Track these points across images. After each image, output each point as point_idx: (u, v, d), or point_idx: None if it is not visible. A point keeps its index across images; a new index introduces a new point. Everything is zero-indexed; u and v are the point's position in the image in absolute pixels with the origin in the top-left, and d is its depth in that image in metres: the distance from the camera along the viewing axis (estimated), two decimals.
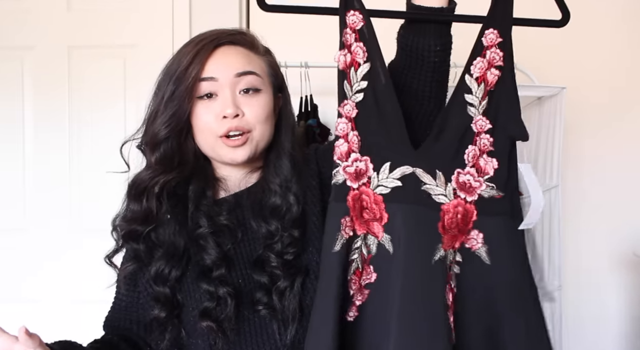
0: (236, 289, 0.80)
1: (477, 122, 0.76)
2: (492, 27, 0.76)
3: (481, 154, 0.76)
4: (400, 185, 0.75)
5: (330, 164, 0.88)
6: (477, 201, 0.76)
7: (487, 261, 0.75)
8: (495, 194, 0.76)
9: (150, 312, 0.81)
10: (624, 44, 1.87)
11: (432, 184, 0.75)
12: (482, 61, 0.76)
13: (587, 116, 1.85)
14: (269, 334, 0.80)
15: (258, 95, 0.83)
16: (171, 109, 0.80)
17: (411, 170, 0.75)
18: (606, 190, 1.87)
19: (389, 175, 0.76)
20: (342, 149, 0.77)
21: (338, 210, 0.76)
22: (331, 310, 0.73)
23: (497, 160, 0.76)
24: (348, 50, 0.79)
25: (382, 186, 0.76)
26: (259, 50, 0.87)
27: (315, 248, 0.83)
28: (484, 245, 0.75)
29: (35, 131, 1.94)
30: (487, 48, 0.76)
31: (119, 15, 1.91)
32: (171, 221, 0.82)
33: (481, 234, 0.75)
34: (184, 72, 0.79)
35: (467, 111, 0.76)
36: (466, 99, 0.76)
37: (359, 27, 0.77)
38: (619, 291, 1.89)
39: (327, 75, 1.54)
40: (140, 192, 0.82)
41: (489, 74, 0.76)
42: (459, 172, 0.76)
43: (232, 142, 0.81)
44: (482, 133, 0.76)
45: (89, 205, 1.91)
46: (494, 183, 0.76)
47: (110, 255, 0.86)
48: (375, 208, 0.75)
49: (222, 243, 0.82)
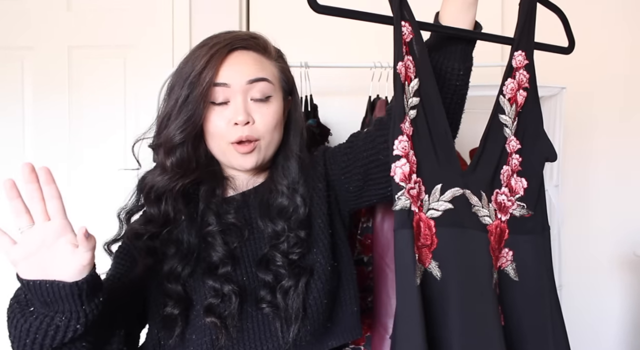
0: (241, 287, 0.81)
1: (510, 143, 0.77)
2: (520, 49, 0.78)
3: (512, 173, 0.77)
4: (451, 207, 0.72)
5: (339, 166, 0.88)
6: (509, 220, 0.76)
7: (515, 278, 0.75)
8: (525, 212, 0.76)
9: (159, 306, 0.81)
10: (624, 43, 1.87)
11: (479, 205, 0.74)
12: (513, 82, 0.77)
13: (587, 116, 1.85)
14: (272, 331, 0.81)
15: (269, 102, 0.84)
16: (186, 114, 0.80)
17: (461, 191, 0.73)
18: (606, 190, 1.87)
19: (440, 198, 0.72)
20: (404, 169, 0.69)
21: (408, 239, 0.68)
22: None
23: (526, 180, 0.76)
24: (403, 62, 0.72)
25: (433, 209, 0.72)
26: (271, 55, 0.87)
27: (320, 249, 0.84)
28: (512, 262, 0.75)
29: (35, 131, 1.94)
30: (517, 69, 0.78)
31: (119, 15, 1.91)
32: (185, 221, 0.84)
33: (511, 252, 0.76)
34: (198, 77, 0.79)
35: (503, 132, 0.77)
36: (501, 120, 0.77)
37: (408, 39, 0.73)
38: (619, 291, 1.89)
39: (327, 75, 1.55)
40: (159, 196, 0.83)
41: (519, 95, 0.77)
42: (497, 192, 0.76)
43: (242, 148, 0.82)
44: (514, 153, 0.77)
45: (89, 206, 1.91)
46: (525, 202, 0.76)
47: (109, 243, 0.86)
48: (427, 233, 0.71)
49: (229, 241, 0.83)
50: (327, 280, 0.83)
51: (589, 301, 1.87)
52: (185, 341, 0.81)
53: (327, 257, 0.84)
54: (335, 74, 1.60)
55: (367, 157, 0.83)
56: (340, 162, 0.89)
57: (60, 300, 0.64)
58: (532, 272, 0.75)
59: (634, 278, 1.87)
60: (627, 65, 1.87)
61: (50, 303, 0.65)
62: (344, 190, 0.89)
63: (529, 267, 0.75)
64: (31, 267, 0.64)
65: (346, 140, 0.91)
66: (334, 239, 0.88)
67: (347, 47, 1.75)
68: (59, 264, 0.64)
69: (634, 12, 1.87)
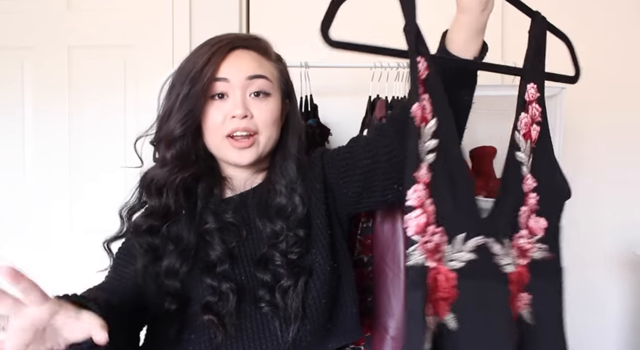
0: (238, 285, 0.81)
1: (527, 181, 0.72)
2: (532, 82, 0.74)
3: (530, 214, 0.72)
4: (474, 258, 0.65)
5: (338, 171, 0.88)
6: (529, 264, 0.71)
7: (531, 321, 0.71)
8: (546, 255, 0.71)
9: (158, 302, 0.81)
10: (624, 43, 1.87)
11: (501, 253, 0.68)
12: (527, 117, 0.73)
13: (587, 116, 1.85)
14: (271, 331, 0.81)
15: (267, 99, 0.85)
16: (186, 108, 0.81)
17: (484, 240, 0.66)
18: (606, 190, 1.87)
19: (462, 248, 0.65)
20: (419, 221, 0.62)
21: (419, 300, 0.62)
22: None
23: (545, 220, 0.71)
24: (420, 102, 0.64)
25: (455, 261, 0.65)
26: (271, 56, 0.89)
27: (319, 250, 0.84)
28: (529, 306, 0.71)
29: (35, 131, 1.94)
30: (529, 103, 0.74)
31: (119, 15, 1.91)
32: (184, 217, 0.84)
33: (530, 296, 0.71)
34: (199, 73, 0.81)
35: (520, 170, 0.72)
36: (517, 157, 0.72)
37: (424, 77, 0.65)
38: (619, 291, 1.89)
39: (327, 75, 1.55)
40: (159, 188, 0.84)
41: (532, 130, 0.74)
42: (516, 236, 0.71)
43: (238, 143, 0.83)
44: (530, 192, 0.72)
45: (89, 206, 1.91)
46: (545, 243, 0.71)
47: (110, 241, 0.87)
48: (446, 287, 0.64)
49: (227, 240, 0.83)
50: (326, 281, 0.83)
51: (589, 301, 1.87)
52: (183, 341, 0.81)
53: (326, 257, 0.84)
54: (335, 74, 1.60)
55: (367, 165, 0.83)
56: (339, 166, 0.88)
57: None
58: (548, 315, 0.72)
59: (634, 278, 1.87)
60: (627, 65, 1.87)
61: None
62: (342, 195, 0.89)
63: (546, 311, 0.71)
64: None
65: (346, 144, 0.91)
66: (333, 239, 0.88)
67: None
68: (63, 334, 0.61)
69: (635, 12, 1.87)
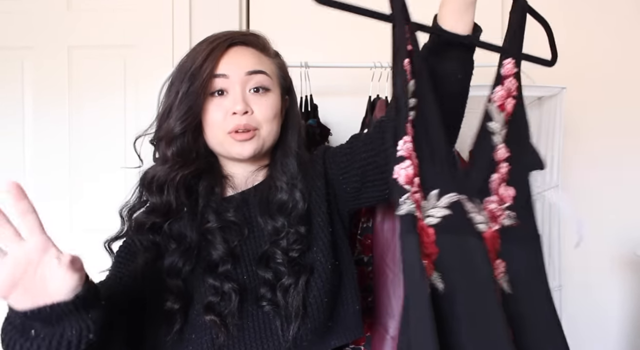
0: (241, 285, 0.81)
1: (499, 151, 0.76)
2: (510, 57, 0.77)
3: (501, 182, 0.75)
4: (450, 213, 0.67)
5: (338, 167, 0.89)
6: (500, 230, 0.74)
7: (509, 290, 0.73)
8: (513, 222, 0.75)
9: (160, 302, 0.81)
10: (624, 43, 1.87)
11: (474, 211, 0.71)
12: (502, 90, 0.76)
13: (587, 116, 1.85)
14: (272, 330, 0.81)
15: (267, 94, 0.85)
16: (186, 105, 0.82)
17: (457, 197, 0.68)
18: (606, 190, 1.87)
19: (436, 204, 0.67)
20: (408, 171, 0.64)
21: (416, 244, 0.62)
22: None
23: (514, 189, 0.75)
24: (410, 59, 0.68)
25: (430, 216, 0.66)
26: (270, 52, 0.89)
27: (320, 248, 0.84)
28: (506, 274, 0.74)
29: (35, 131, 1.94)
30: (505, 77, 0.77)
31: (119, 15, 1.91)
32: (186, 215, 0.84)
33: (503, 263, 0.74)
34: (198, 69, 0.81)
35: (492, 139, 0.76)
36: (488, 128, 0.76)
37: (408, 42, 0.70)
38: (620, 291, 1.89)
39: (327, 75, 1.55)
40: (160, 185, 0.84)
41: (507, 103, 0.76)
42: (488, 201, 0.75)
43: (240, 136, 0.83)
44: (502, 162, 0.75)
45: (89, 205, 1.91)
46: (513, 211, 0.75)
47: (110, 240, 0.86)
48: (427, 242, 0.65)
49: (229, 239, 0.83)
50: (328, 279, 0.83)
51: (589, 301, 1.87)
52: (185, 341, 0.81)
53: (327, 255, 0.84)
54: (335, 74, 1.60)
55: (365, 158, 0.84)
56: (339, 162, 0.89)
57: (65, 317, 0.60)
58: (525, 283, 0.74)
59: (635, 278, 1.87)
60: (627, 65, 1.87)
61: (55, 323, 0.61)
62: (342, 191, 0.89)
63: (522, 279, 0.74)
64: (23, 296, 0.58)
65: (347, 141, 0.91)
66: (334, 237, 0.88)
67: (347, 47, 1.75)
68: (51, 282, 0.59)
69: (634, 12, 1.87)
